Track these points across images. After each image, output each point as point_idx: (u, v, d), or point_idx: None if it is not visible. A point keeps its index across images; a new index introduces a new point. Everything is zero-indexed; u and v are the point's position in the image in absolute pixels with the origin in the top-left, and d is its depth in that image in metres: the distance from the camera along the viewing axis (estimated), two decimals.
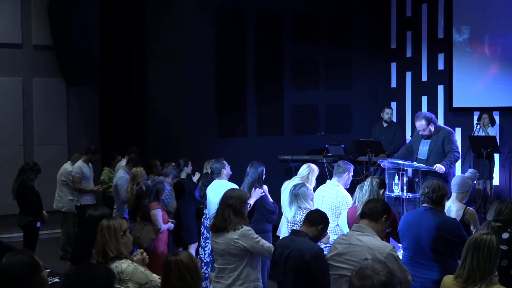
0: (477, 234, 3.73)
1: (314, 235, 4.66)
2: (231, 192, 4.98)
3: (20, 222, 8.25)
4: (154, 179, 7.11)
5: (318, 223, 4.68)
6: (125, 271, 3.91)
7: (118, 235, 4.03)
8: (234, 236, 4.72)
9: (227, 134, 11.70)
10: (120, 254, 4.01)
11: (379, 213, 4.25)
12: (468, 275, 3.61)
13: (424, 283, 4.82)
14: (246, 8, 11.82)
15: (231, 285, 4.76)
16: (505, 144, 10.34)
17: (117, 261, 3.97)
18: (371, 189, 5.54)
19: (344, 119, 12.81)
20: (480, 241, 3.63)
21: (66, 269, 6.30)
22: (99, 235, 4.05)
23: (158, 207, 6.82)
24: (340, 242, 4.25)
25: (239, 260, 4.75)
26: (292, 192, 5.80)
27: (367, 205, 4.37)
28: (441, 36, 11.92)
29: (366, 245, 4.06)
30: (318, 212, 4.91)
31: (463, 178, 5.90)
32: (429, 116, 7.81)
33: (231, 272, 4.78)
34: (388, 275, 2.76)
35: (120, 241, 4.03)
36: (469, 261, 3.62)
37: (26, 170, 8.24)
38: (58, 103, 11.18)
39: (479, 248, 3.61)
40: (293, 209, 5.76)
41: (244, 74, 11.91)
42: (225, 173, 7.09)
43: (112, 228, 4.03)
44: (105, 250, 4.00)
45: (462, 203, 5.64)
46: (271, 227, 6.61)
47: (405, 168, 7.70)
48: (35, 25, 10.89)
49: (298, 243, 4.56)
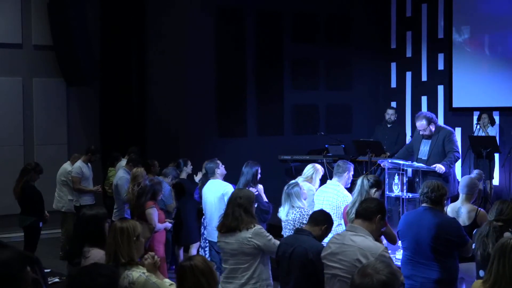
0: (504, 239, 3.67)
1: (318, 234, 4.68)
2: (239, 192, 5.01)
3: (23, 222, 8.25)
4: (153, 179, 7.12)
5: (322, 223, 4.71)
6: (137, 282, 3.77)
7: (131, 239, 3.88)
8: (247, 235, 4.73)
9: (227, 134, 11.70)
10: (132, 260, 3.86)
11: (373, 213, 4.26)
12: (494, 280, 3.55)
13: (424, 283, 4.81)
14: (246, 8, 11.81)
15: (245, 284, 4.77)
16: (505, 144, 10.34)
17: (128, 269, 3.83)
18: (361, 188, 5.57)
19: (344, 119, 12.81)
20: (506, 246, 3.56)
21: (66, 269, 6.30)
22: (110, 238, 3.91)
23: (154, 206, 6.83)
24: (334, 242, 4.27)
25: (253, 259, 4.77)
26: (285, 192, 5.92)
27: (361, 204, 4.39)
28: (441, 36, 11.92)
29: (358, 246, 4.07)
30: (323, 212, 4.94)
31: (471, 179, 5.91)
32: (429, 116, 7.81)
33: (244, 271, 4.78)
34: (389, 275, 2.76)
35: (133, 246, 3.88)
36: (495, 266, 3.55)
37: (29, 170, 8.24)
38: (58, 103, 11.18)
39: (505, 253, 3.54)
40: (286, 208, 5.88)
41: (244, 74, 11.90)
42: (219, 173, 7.10)
43: (126, 233, 3.88)
44: (116, 254, 3.85)
45: (471, 203, 5.65)
46: (266, 226, 6.61)
47: (405, 168, 7.69)
48: (35, 25, 10.90)
49: (302, 242, 4.58)
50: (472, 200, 5.74)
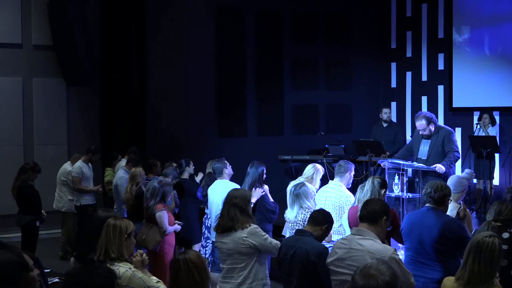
0: (479, 236, 3.65)
1: (319, 234, 4.66)
2: (235, 192, 5.00)
3: (20, 221, 8.25)
4: (161, 181, 6.97)
5: (322, 223, 4.69)
6: (123, 277, 3.89)
7: (123, 236, 4.03)
8: (243, 235, 4.74)
9: (227, 134, 11.70)
10: (121, 256, 4.00)
11: (379, 215, 4.18)
12: (469, 278, 3.55)
13: (426, 283, 4.80)
14: (246, 8, 11.82)
15: (241, 283, 4.78)
16: (505, 144, 10.34)
17: (116, 264, 3.94)
18: (373, 189, 5.53)
19: (344, 119, 12.81)
20: (482, 244, 3.56)
21: (66, 269, 6.29)
22: (103, 233, 4.05)
23: (164, 209, 6.66)
24: (340, 247, 4.16)
25: (249, 258, 4.77)
26: (293, 193, 5.83)
27: (365, 207, 4.27)
28: (441, 36, 11.93)
29: (368, 250, 3.99)
30: (322, 211, 4.91)
31: (458, 178, 5.92)
32: (429, 115, 7.81)
33: (240, 271, 4.79)
34: (392, 276, 2.77)
35: (123, 243, 4.02)
36: (470, 263, 3.56)
37: (27, 169, 8.25)
38: (58, 103, 11.18)
39: (481, 251, 3.54)
40: (295, 209, 5.79)
41: (244, 74, 11.91)
42: (227, 173, 7.08)
43: (118, 229, 4.03)
44: (107, 249, 4.00)
45: (458, 202, 5.64)
46: (272, 226, 6.61)
47: (405, 168, 7.69)
48: (35, 25, 10.89)
49: (303, 243, 4.57)
50: (461, 199, 5.70)
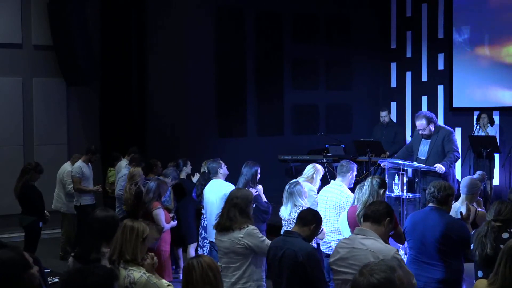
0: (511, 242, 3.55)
1: (307, 235, 4.61)
2: (237, 192, 5.01)
3: (23, 222, 8.24)
4: (158, 180, 7.09)
5: (310, 223, 4.63)
6: (138, 282, 3.84)
7: (139, 240, 3.99)
8: (239, 235, 4.75)
9: (227, 134, 11.70)
10: (135, 259, 3.96)
11: (382, 216, 4.16)
12: (502, 283, 3.44)
13: (427, 282, 4.80)
14: (246, 8, 11.82)
15: (235, 283, 4.80)
16: (505, 144, 10.35)
17: (130, 269, 3.90)
18: (371, 189, 5.51)
19: (344, 119, 12.81)
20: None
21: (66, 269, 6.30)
22: (119, 233, 4.00)
23: (160, 207, 6.83)
24: (342, 246, 4.14)
25: (244, 258, 4.79)
26: (287, 191, 5.93)
27: (369, 207, 4.27)
28: (441, 36, 11.93)
29: (370, 249, 3.97)
30: (310, 211, 4.85)
31: (472, 179, 5.90)
32: (429, 115, 7.81)
33: (235, 270, 4.81)
34: (382, 280, 2.75)
35: (139, 246, 3.98)
36: (503, 268, 3.44)
37: (29, 170, 8.23)
38: (58, 103, 11.18)
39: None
40: (289, 207, 5.88)
41: (244, 74, 11.91)
42: (222, 173, 7.09)
43: (135, 232, 3.99)
44: (122, 250, 3.95)
45: (472, 205, 5.64)
46: (265, 226, 6.61)
47: (405, 168, 7.69)
48: (35, 25, 10.89)
49: (291, 244, 4.52)
50: (474, 201, 5.72)
